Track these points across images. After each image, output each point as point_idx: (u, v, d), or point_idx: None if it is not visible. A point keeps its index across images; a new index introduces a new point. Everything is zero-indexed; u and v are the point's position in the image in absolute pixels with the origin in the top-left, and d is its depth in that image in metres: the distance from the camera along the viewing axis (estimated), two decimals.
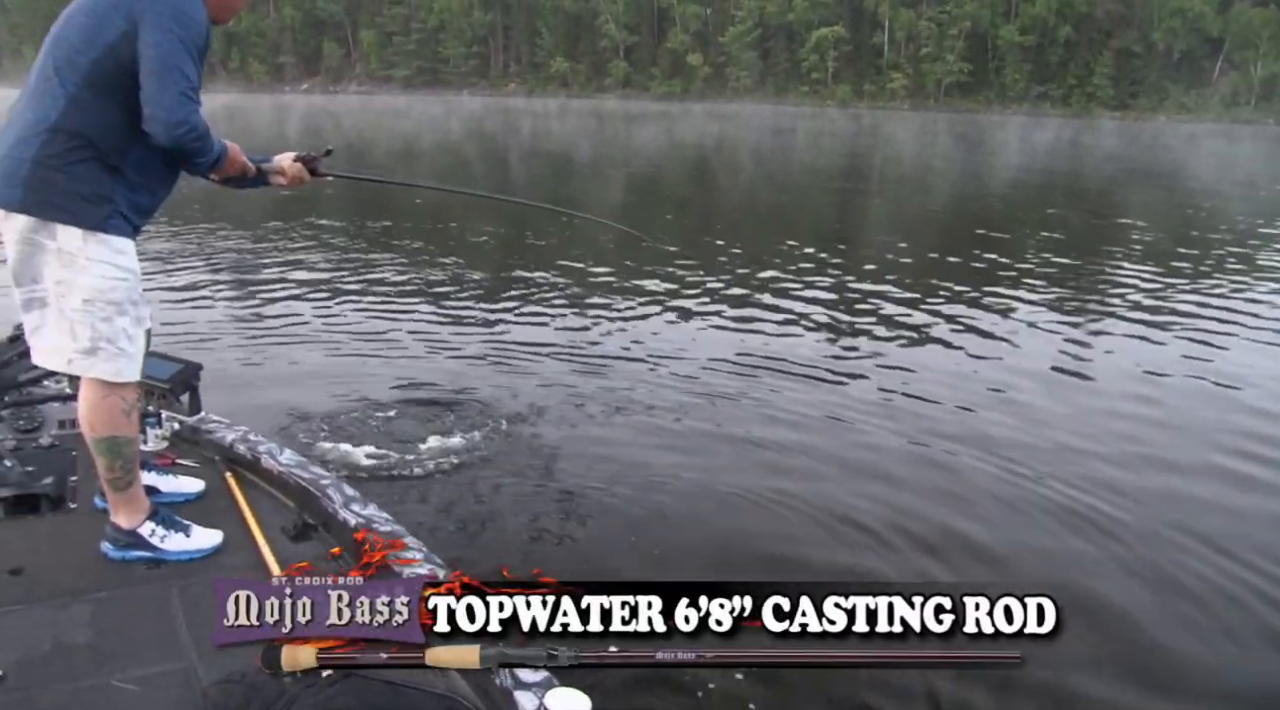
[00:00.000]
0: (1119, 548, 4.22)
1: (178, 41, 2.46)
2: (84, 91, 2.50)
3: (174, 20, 2.47)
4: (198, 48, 2.53)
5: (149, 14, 2.46)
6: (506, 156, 28.84)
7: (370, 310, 8.11)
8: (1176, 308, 9.27)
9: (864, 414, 5.82)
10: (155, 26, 2.45)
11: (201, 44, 2.56)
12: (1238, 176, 28.65)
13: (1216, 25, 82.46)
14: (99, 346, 2.58)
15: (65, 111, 2.50)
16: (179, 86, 2.45)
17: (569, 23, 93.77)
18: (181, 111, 2.46)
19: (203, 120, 2.53)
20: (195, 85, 2.50)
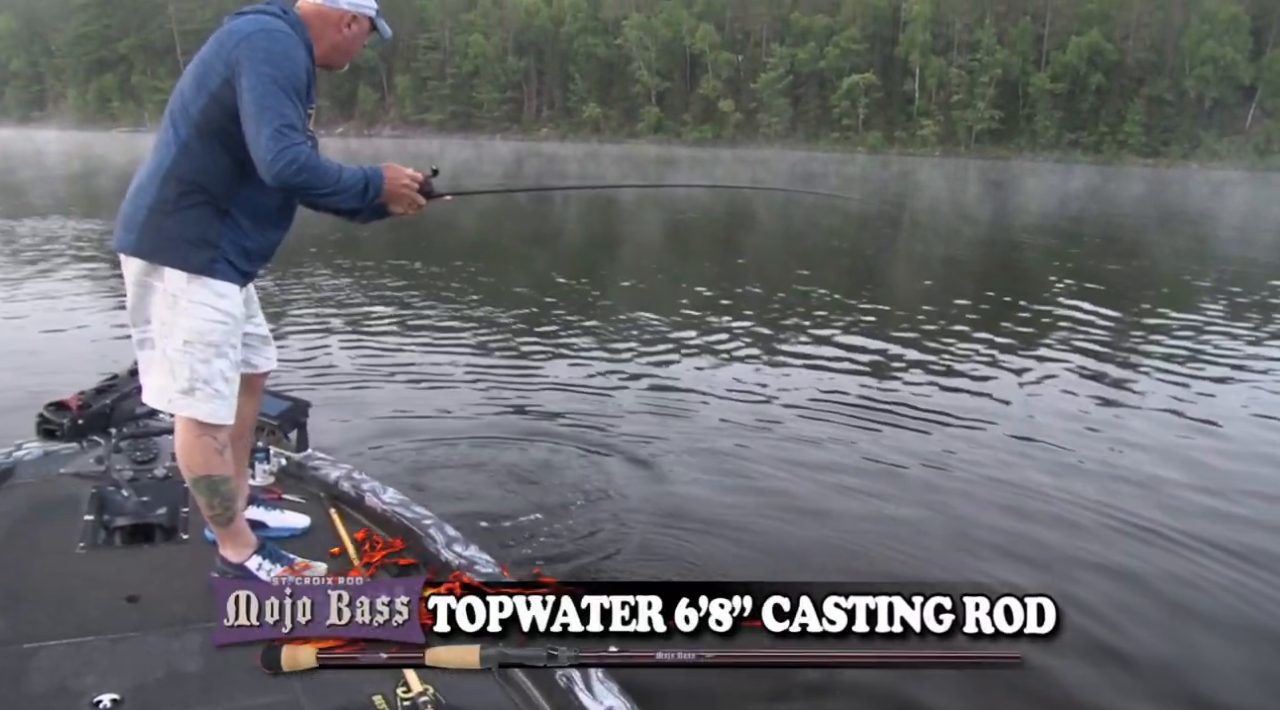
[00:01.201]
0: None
1: (270, 82, 2.50)
2: (194, 139, 2.58)
3: (266, 62, 2.51)
4: (294, 87, 2.55)
5: (245, 59, 2.52)
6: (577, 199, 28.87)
7: (467, 349, 8.17)
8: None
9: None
10: (249, 71, 2.51)
11: (299, 83, 2.57)
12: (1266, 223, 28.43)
13: (1249, 73, 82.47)
14: (196, 387, 2.65)
15: (177, 158, 2.59)
16: (273, 124, 2.47)
17: (601, 69, 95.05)
18: (276, 147, 2.46)
19: (305, 152, 2.51)
20: (292, 122, 2.50)
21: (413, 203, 2.80)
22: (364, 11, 2.81)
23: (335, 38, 2.79)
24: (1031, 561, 4.25)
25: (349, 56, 2.88)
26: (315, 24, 2.74)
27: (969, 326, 9.86)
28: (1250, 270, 16.17)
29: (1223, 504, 5.10)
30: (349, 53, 2.86)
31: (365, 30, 2.85)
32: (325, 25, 2.76)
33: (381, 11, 2.88)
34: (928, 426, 6.37)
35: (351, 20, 2.79)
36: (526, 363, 7.84)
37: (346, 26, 2.79)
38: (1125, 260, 17.18)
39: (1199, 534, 4.61)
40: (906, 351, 8.68)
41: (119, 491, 3.29)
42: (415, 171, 2.81)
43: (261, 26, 2.58)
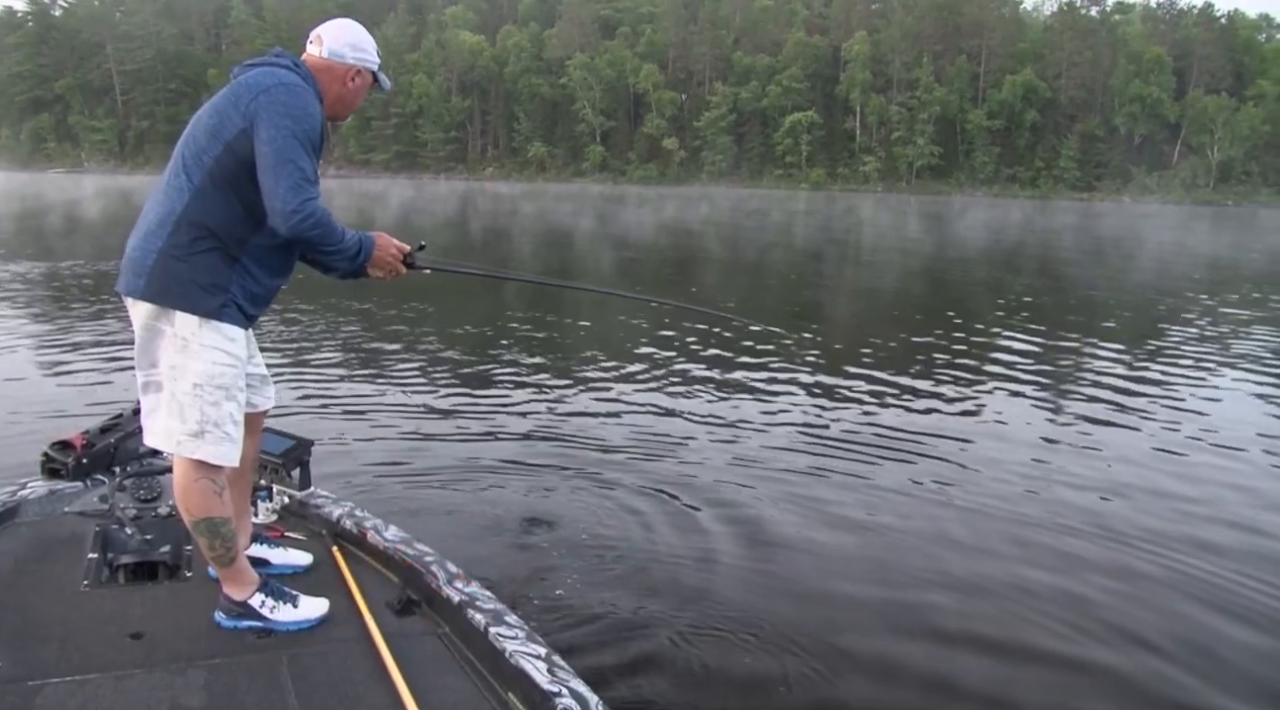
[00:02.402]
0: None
1: (290, 136, 2.55)
2: (208, 186, 2.61)
3: (286, 115, 2.57)
4: (310, 140, 2.61)
5: (263, 111, 2.57)
6: (514, 235, 28.62)
7: (468, 385, 8.17)
8: None
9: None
10: (268, 123, 2.56)
11: (315, 137, 2.64)
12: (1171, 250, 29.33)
13: (1173, 112, 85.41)
14: (206, 430, 2.68)
15: (189, 204, 2.62)
16: (292, 177, 2.53)
17: (546, 108, 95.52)
18: (295, 200, 2.52)
19: (321, 208, 2.58)
20: (309, 176, 2.58)
21: (394, 271, 2.88)
22: (368, 65, 2.87)
23: (340, 91, 2.85)
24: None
25: (352, 108, 2.93)
26: (323, 78, 2.80)
27: (910, 359, 9.61)
28: (1172, 297, 16.54)
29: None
30: (352, 105, 2.92)
31: (368, 83, 2.91)
32: (332, 79, 2.82)
33: (382, 67, 2.95)
34: (909, 456, 6.44)
35: (356, 74, 2.86)
36: (524, 398, 7.80)
37: (351, 80, 2.85)
38: (1061, 290, 17.42)
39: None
40: (858, 383, 8.65)
41: (123, 529, 3.32)
42: (403, 243, 2.89)
43: (280, 80, 2.63)
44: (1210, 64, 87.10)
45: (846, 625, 3.96)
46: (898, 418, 7.45)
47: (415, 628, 2.86)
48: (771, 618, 3.94)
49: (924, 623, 4.04)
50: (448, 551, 3.31)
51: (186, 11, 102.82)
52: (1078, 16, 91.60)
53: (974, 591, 4.37)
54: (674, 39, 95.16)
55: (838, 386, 8.52)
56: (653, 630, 3.78)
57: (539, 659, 2.54)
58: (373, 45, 2.91)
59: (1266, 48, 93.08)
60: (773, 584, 4.32)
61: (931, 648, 3.84)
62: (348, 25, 2.89)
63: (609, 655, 3.55)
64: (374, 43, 2.93)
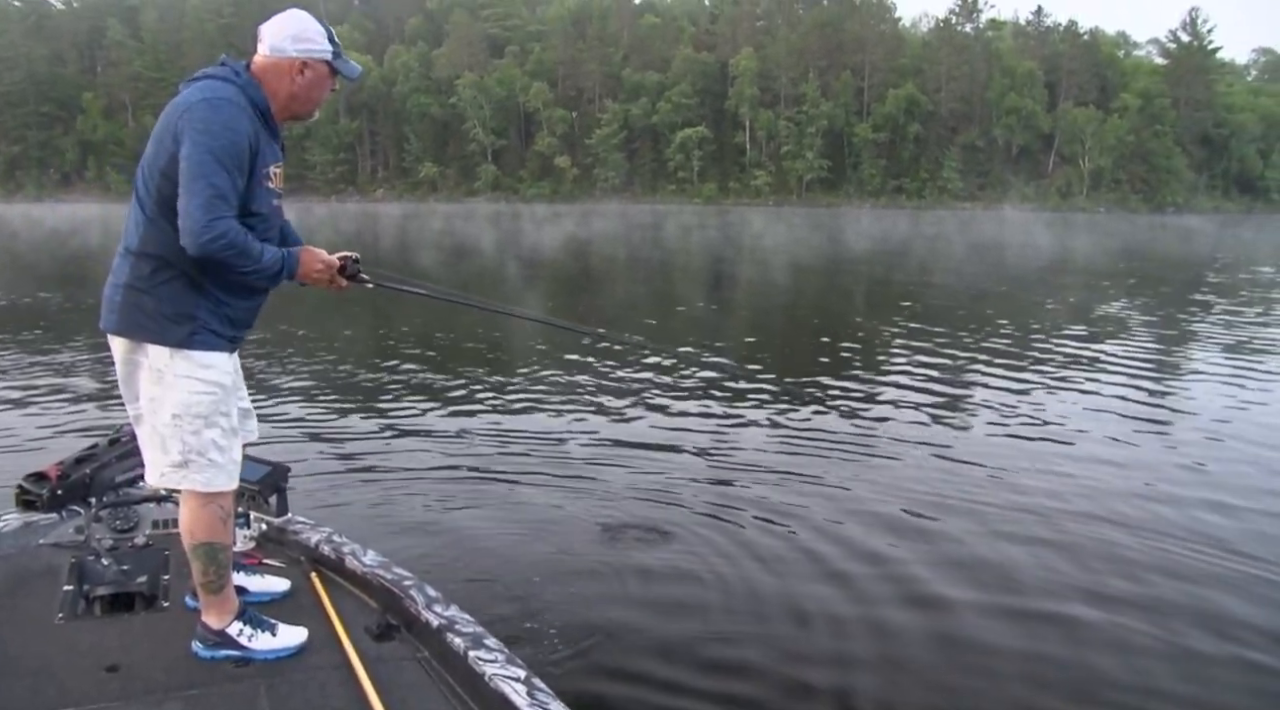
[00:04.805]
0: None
1: (205, 152, 2.44)
2: (157, 215, 2.55)
3: (203, 132, 2.46)
4: (232, 155, 2.49)
5: (185, 131, 2.47)
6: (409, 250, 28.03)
7: (445, 410, 8.04)
8: None
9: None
10: (187, 141, 2.46)
11: (236, 152, 2.50)
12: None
13: (1047, 123, 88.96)
14: (190, 459, 2.64)
15: (144, 236, 2.58)
16: (202, 195, 2.43)
17: (436, 128, 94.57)
18: (204, 219, 2.42)
19: (233, 227, 2.47)
20: (223, 194, 2.46)
21: (331, 284, 2.79)
22: (316, 56, 2.69)
23: (291, 87, 2.69)
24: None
25: (312, 104, 2.77)
26: (269, 78, 2.66)
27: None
28: (1024, 291, 17.49)
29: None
30: (311, 100, 2.75)
31: (324, 75, 2.73)
32: (279, 77, 2.67)
33: (342, 52, 2.74)
34: (852, 454, 6.74)
35: (304, 67, 2.68)
36: (497, 418, 7.73)
37: (299, 74, 2.68)
38: (944, 292, 18.11)
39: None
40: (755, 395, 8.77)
41: (99, 561, 3.26)
42: (333, 257, 2.79)
43: (204, 96, 2.52)
44: (1078, 78, 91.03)
45: (810, 631, 3.99)
46: (804, 422, 7.71)
47: (395, 653, 2.85)
48: (753, 632, 3.96)
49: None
50: (427, 574, 3.29)
51: (58, 32, 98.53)
52: (953, 32, 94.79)
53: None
54: (563, 57, 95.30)
55: (748, 393, 8.77)
56: (632, 649, 3.78)
57: (519, 681, 2.52)
58: (320, 33, 2.70)
59: (1126, 63, 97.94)
60: (754, 601, 4.28)
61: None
62: (288, 17, 2.70)
63: (590, 676, 3.55)
64: (323, 30, 2.71)
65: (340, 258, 2.82)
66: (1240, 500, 5.73)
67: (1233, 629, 4.03)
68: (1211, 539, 5.05)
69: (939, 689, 3.59)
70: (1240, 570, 4.65)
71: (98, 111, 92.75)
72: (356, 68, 2.81)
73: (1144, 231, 51.42)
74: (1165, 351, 11.98)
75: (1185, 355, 11.80)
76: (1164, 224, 62.14)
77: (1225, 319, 14.90)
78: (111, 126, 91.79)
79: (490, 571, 4.48)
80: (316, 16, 2.74)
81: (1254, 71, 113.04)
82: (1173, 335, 13.44)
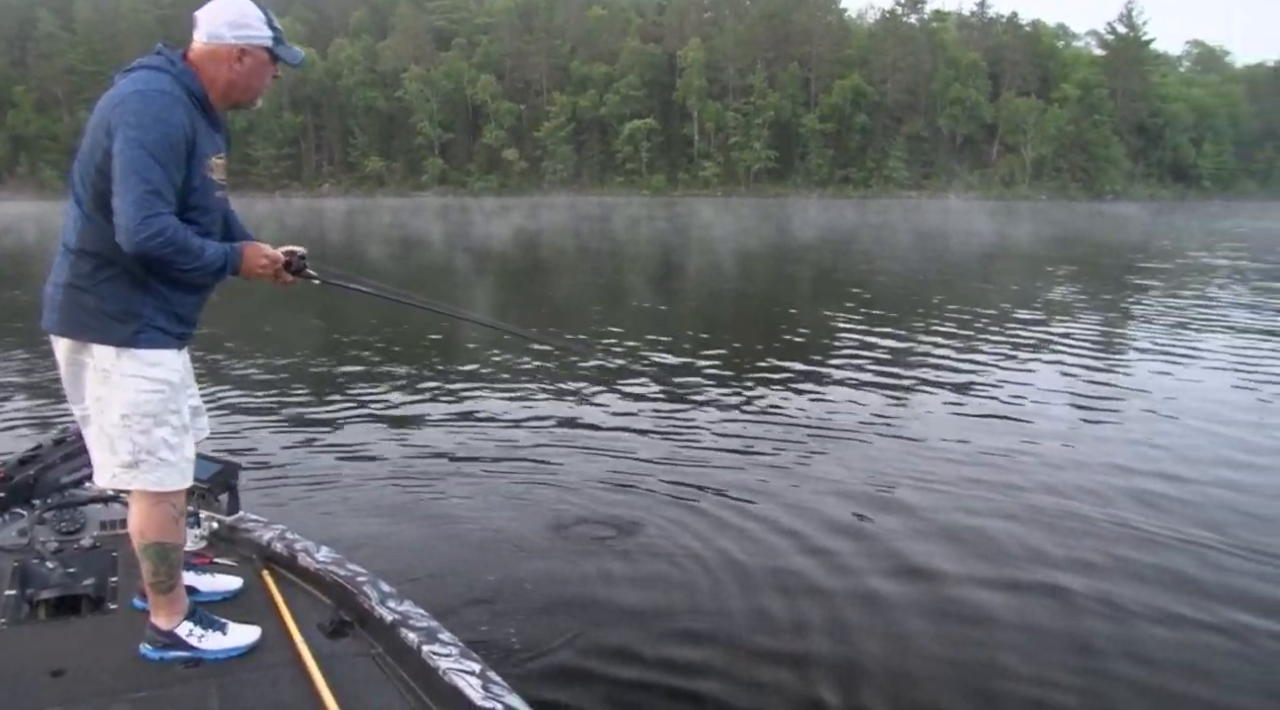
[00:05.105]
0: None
1: (138, 147, 2.37)
2: (95, 212, 2.49)
3: (135, 126, 2.38)
4: (166, 149, 2.41)
5: (117, 125, 2.40)
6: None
7: (397, 405, 8.05)
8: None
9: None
10: (119, 136, 2.39)
11: (172, 144, 2.43)
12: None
13: (990, 113, 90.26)
14: (140, 459, 2.59)
15: (82, 233, 2.52)
16: (136, 191, 2.36)
17: (382, 122, 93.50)
18: (139, 216, 2.35)
19: (170, 224, 2.41)
20: (158, 189, 2.38)
21: (277, 279, 2.75)
22: (255, 42, 2.61)
23: (230, 75, 2.61)
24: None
25: (253, 92, 2.68)
26: (207, 67, 2.58)
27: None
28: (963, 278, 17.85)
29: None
30: (251, 88, 2.67)
31: (264, 62, 2.65)
32: (217, 65, 2.59)
33: (283, 37, 2.66)
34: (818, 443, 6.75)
35: (242, 54, 2.60)
36: (448, 413, 7.69)
37: (238, 61, 2.60)
38: (898, 276, 18.43)
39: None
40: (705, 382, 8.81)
41: (43, 563, 3.19)
42: (278, 252, 2.73)
43: (137, 88, 2.44)
44: (1020, 69, 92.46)
45: (751, 624, 3.98)
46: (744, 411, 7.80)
47: (348, 649, 2.83)
48: (715, 619, 3.98)
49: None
50: (382, 570, 3.22)
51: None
52: (899, 23, 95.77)
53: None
54: (510, 49, 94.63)
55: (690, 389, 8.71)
56: (591, 640, 3.77)
57: (473, 675, 2.50)
58: (259, 18, 2.61)
59: (1066, 53, 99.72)
60: (715, 588, 4.29)
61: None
62: (224, 2, 2.60)
63: (547, 668, 3.54)
64: (261, 15, 2.62)
65: (286, 253, 2.77)
66: (1189, 472, 5.99)
67: (1184, 592, 4.21)
68: (1164, 509, 5.27)
69: (926, 660, 3.68)
70: (1191, 537, 4.85)
71: (30, 105, 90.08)
72: (299, 53, 2.74)
73: (1083, 219, 52.63)
74: (1108, 333, 12.40)
75: (1127, 336, 12.28)
76: (1102, 211, 63.58)
77: (1162, 301, 15.48)
78: (45, 121, 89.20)
79: (446, 566, 4.46)
80: (256, 1, 2.66)
81: (1186, 63, 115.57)
82: (1114, 317, 13.94)
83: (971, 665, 3.67)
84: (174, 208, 2.44)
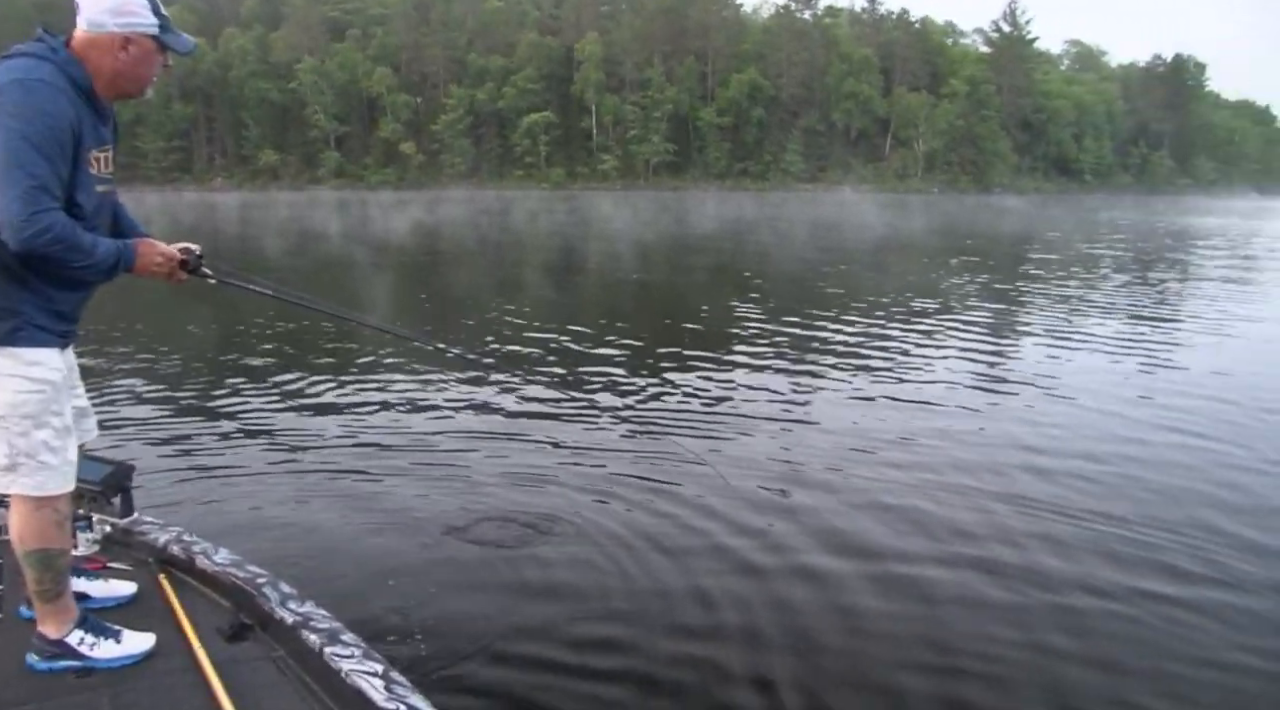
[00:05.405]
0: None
1: (21, 138, 2.26)
2: None
3: (15, 117, 2.28)
4: (51, 141, 2.31)
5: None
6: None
7: (292, 402, 7.96)
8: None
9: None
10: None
11: (56, 136, 2.33)
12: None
13: (882, 107, 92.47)
14: (18, 462, 2.49)
15: None
16: (20, 186, 2.25)
17: (275, 114, 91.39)
18: (25, 212, 2.26)
19: (59, 220, 2.31)
20: (44, 184, 2.29)
21: (171, 277, 2.65)
22: (139, 30, 2.49)
23: (115, 64, 2.49)
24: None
25: (141, 82, 2.57)
26: (90, 56, 2.46)
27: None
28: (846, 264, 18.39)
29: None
30: (139, 78, 2.55)
31: (149, 50, 2.53)
32: (100, 54, 2.47)
33: (170, 24, 2.54)
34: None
35: (126, 42, 2.48)
36: (344, 408, 7.61)
37: (122, 50, 2.48)
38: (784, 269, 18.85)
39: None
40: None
41: None
42: (173, 249, 2.65)
43: (15, 77, 2.32)
44: (910, 65, 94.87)
45: (666, 613, 4.02)
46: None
47: (249, 653, 2.76)
48: (621, 613, 3.98)
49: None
50: (283, 572, 3.19)
51: None
52: (793, 19, 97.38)
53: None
54: (406, 41, 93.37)
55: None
56: (495, 637, 3.73)
57: (376, 676, 2.48)
58: (143, 5, 2.49)
59: (954, 50, 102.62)
60: (623, 581, 4.31)
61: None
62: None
63: (452, 667, 3.48)
64: (146, 2, 2.50)
65: (181, 250, 2.69)
66: (1086, 448, 6.42)
67: (1079, 560, 4.53)
68: (1063, 484, 5.63)
69: (832, 656, 3.72)
70: (1088, 509, 5.20)
71: None
72: (188, 41, 2.62)
73: (974, 211, 54.25)
74: (1003, 319, 13.04)
75: (1021, 321, 12.99)
76: (990, 204, 65.59)
77: (1052, 288, 16.35)
78: None
79: (349, 566, 4.38)
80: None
81: (1066, 61, 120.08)
82: (1008, 304, 14.59)
83: (902, 636, 3.82)
84: (61, 203, 2.35)
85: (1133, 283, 17.58)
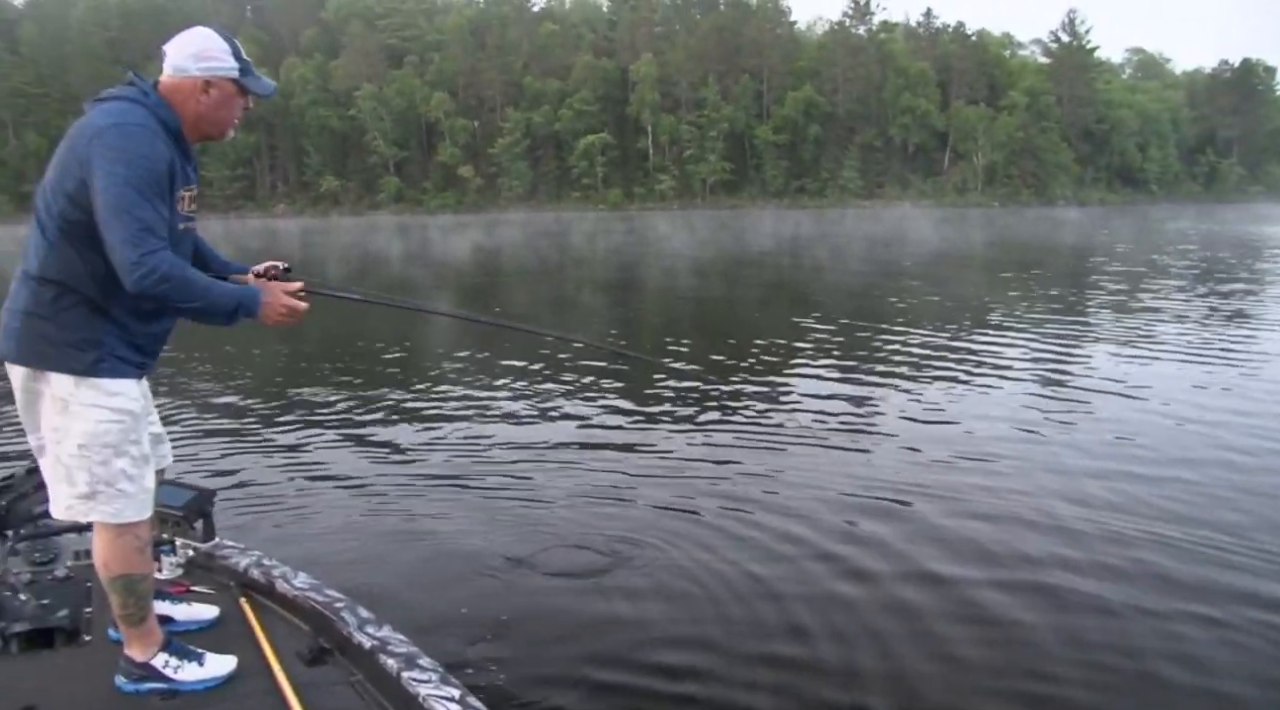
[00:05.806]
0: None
1: (125, 184, 2.34)
2: (59, 240, 2.46)
3: (117, 161, 2.35)
4: (152, 183, 2.39)
5: (95, 158, 2.37)
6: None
7: (369, 426, 7.92)
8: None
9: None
10: (100, 172, 2.35)
11: (158, 180, 2.41)
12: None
13: (941, 121, 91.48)
14: (98, 490, 2.55)
15: (45, 260, 2.48)
16: (128, 230, 2.33)
17: (336, 141, 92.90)
18: (134, 255, 2.33)
19: (168, 261, 2.37)
20: (150, 226, 2.36)
21: (296, 317, 2.63)
22: (219, 74, 2.57)
23: (197, 108, 2.57)
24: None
25: (223, 124, 2.65)
26: (176, 98, 2.54)
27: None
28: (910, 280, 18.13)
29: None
30: (220, 120, 2.63)
31: (230, 94, 2.61)
32: (185, 97, 2.56)
33: (251, 68, 2.61)
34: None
35: (207, 86, 2.57)
36: (421, 432, 7.58)
37: (204, 93, 2.57)
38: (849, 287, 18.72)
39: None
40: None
41: (16, 596, 3.12)
42: (290, 284, 2.67)
43: (114, 121, 2.40)
44: (968, 77, 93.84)
45: (750, 635, 3.94)
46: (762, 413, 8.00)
47: (327, 677, 2.79)
48: (714, 637, 3.91)
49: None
50: (360, 595, 3.20)
51: None
52: (848, 35, 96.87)
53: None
54: (463, 66, 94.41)
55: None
56: (577, 663, 3.70)
57: (453, 701, 2.48)
58: (224, 49, 2.58)
59: (1012, 62, 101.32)
60: (715, 604, 4.24)
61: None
62: (190, 34, 2.59)
63: (524, 693, 3.46)
64: (228, 45, 2.59)
65: (268, 268, 2.78)
66: (1164, 469, 6.12)
67: (1169, 586, 4.32)
68: (1144, 504, 5.40)
69: (939, 662, 3.71)
70: (1172, 535, 4.94)
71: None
72: (269, 84, 2.70)
73: (1037, 224, 53.35)
74: (1076, 333, 12.64)
75: (1094, 335, 12.51)
76: (1054, 217, 64.47)
77: (1125, 301, 15.86)
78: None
79: (425, 589, 4.38)
80: (222, 32, 2.63)
81: (1128, 69, 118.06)
82: (1081, 318, 14.20)
83: (975, 665, 3.71)
84: (167, 243, 2.41)
85: (1208, 294, 16.93)
